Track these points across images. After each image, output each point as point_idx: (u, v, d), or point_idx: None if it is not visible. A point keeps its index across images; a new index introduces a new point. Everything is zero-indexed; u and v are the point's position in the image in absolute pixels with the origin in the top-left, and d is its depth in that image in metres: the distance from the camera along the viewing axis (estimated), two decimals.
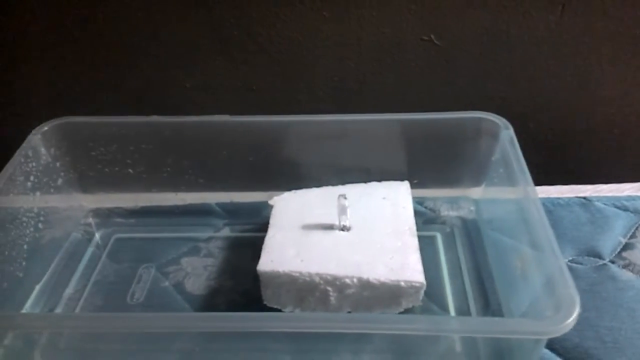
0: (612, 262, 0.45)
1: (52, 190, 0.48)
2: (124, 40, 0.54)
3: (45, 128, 0.47)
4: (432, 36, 0.53)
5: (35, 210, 0.45)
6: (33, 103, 0.57)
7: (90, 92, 0.56)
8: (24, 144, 0.46)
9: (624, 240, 0.47)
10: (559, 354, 0.39)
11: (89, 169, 0.50)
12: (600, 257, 0.46)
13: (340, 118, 0.49)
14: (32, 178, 0.46)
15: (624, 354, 0.39)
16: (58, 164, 0.49)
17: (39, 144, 0.47)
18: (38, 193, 0.46)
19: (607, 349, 0.39)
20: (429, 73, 0.54)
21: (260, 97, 0.56)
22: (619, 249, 0.46)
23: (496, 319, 0.40)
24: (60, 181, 0.49)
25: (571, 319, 0.31)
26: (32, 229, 0.45)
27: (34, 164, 0.46)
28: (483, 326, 0.34)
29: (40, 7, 0.52)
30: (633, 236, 0.47)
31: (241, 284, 0.45)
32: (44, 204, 0.46)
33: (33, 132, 0.47)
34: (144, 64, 0.55)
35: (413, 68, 0.54)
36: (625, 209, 0.50)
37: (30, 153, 0.46)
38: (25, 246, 0.44)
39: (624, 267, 0.45)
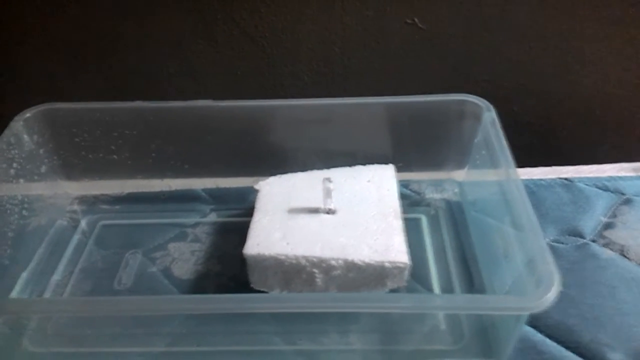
0: (593, 241, 0.46)
1: (36, 177, 0.48)
2: (107, 25, 0.53)
3: (28, 115, 0.47)
4: (416, 19, 0.53)
5: (19, 197, 0.45)
6: (15, 89, 0.56)
7: (73, 78, 0.56)
8: (6, 131, 0.45)
9: (604, 220, 0.48)
10: (541, 331, 0.40)
11: (73, 155, 0.49)
12: (581, 236, 0.47)
13: (325, 102, 0.49)
14: (15, 165, 0.45)
15: (605, 330, 0.40)
16: (41, 151, 0.48)
17: (21, 131, 0.46)
18: (22, 180, 0.46)
19: (588, 325, 0.40)
20: (413, 56, 0.55)
21: (244, 82, 0.56)
22: (599, 228, 0.47)
23: (478, 295, 0.41)
24: (44, 168, 0.49)
25: (550, 294, 0.31)
26: (16, 217, 0.44)
27: (16, 151, 0.45)
28: (466, 303, 0.35)
29: None
30: (613, 215, 0.48)
31: (228, 268, 0.45)
32: (28, 191, 0.46)
33: (15, 118, 0.46)
34: (127, 49, 0.54)
35: (397, 51, 0.54)
36: (606, 189, 0.51)
37: (12, 140, 0.45)
38: (10, 234, 0.44)
39: (605, 245, 0.46)
